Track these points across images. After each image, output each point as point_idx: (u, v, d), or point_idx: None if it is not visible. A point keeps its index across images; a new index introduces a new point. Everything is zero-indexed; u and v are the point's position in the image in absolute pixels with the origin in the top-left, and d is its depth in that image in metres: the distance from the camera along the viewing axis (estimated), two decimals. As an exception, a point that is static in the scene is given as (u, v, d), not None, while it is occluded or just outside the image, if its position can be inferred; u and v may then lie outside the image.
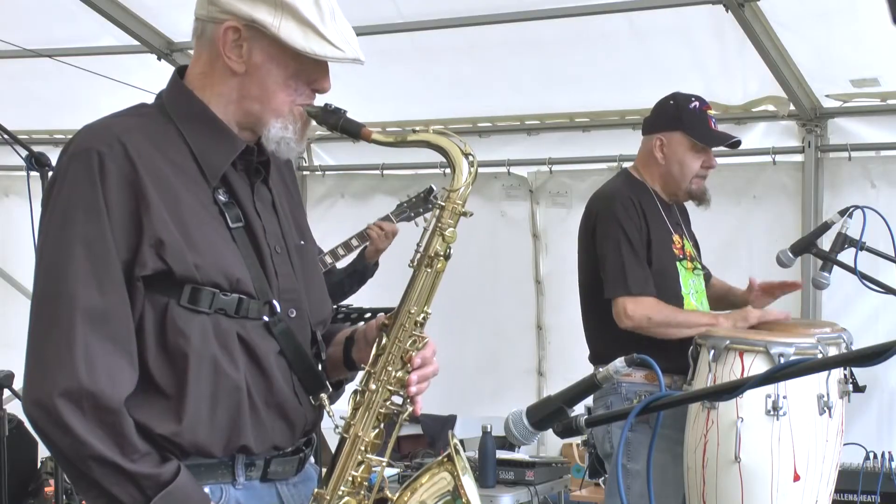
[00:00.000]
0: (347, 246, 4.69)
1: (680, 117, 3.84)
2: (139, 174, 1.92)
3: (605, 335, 3.83)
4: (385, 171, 6.10)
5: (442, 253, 2.07)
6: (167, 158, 1.98)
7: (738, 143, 3.97)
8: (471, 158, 2.07)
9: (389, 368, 2.06)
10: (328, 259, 4.62)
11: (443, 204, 2.08)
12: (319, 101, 2.11)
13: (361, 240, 4.69)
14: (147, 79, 5.28)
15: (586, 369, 3.90)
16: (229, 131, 2.05)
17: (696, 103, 3.87)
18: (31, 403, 1.88)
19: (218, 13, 2.01)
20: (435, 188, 4.74)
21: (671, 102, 3.89)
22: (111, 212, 1.90)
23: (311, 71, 2.04)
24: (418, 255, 2.08)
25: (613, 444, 3.77)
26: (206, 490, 1.98)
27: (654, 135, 3.88)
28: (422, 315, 2.07)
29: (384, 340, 2.08)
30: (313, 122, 2.08)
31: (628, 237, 3.72)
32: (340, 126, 2.06)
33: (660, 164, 3.87)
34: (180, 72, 2.11)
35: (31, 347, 1.91)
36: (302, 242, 2.19)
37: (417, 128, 2.09)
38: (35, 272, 1.95)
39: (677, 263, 3.85)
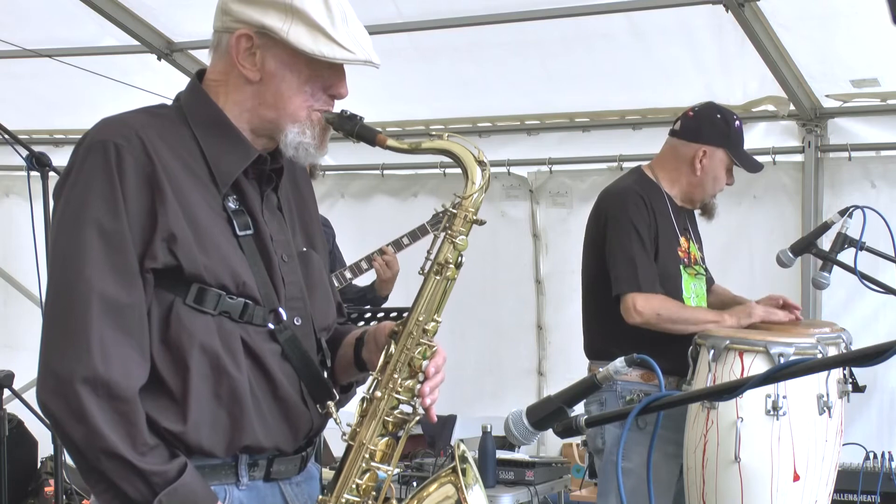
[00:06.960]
0: (358, 268, 4.72)
1: (728, 135, 3.85)
2: (156, 168, 1.93)
3: (604, 330, 3.84)
4: (385, 172, 6.10)
5: (452, 261, 2.06)
6: (180, 160, 1.98)
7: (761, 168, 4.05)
8: (484, 166, 2.06)
9: (396, 376, 2.04)
10: (348, 274, 4.65)
11: (454, 211, 2.06)
12: (336, 107, 2.10)
13: (369, 263, 4.71)
14: (147, 79, 5.31)
15: (586, 369, 3.92)
16: (244, 139, 2.05)
17: (738, 122, 3.90)
18: (50, 391, 1.88)
19: (231, 23, 2.02)
20: None
21: (718, 116, 3.88)
22: (128, 204, 1.91)
23: (327, 76, 2.05)
24: (428, 263, 2.07)
25: (605, 440, 3.78)
26: None
27: (698, 145, 3.85)
28: (431, 323, 2.05)
29: (392, 348, 2.06)
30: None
31: (639, 235, 3.72)
32: (356, 132, 2.06)
33: (693, 174, 3.86)
34: (200, 76, 2.12)
35: (48, 337, 1.91)
36: (305, 249, 2.18)
37: (433, 133, 2.07)
38: (50, 262, 1.97)
39: (681, 268, 3.86)
